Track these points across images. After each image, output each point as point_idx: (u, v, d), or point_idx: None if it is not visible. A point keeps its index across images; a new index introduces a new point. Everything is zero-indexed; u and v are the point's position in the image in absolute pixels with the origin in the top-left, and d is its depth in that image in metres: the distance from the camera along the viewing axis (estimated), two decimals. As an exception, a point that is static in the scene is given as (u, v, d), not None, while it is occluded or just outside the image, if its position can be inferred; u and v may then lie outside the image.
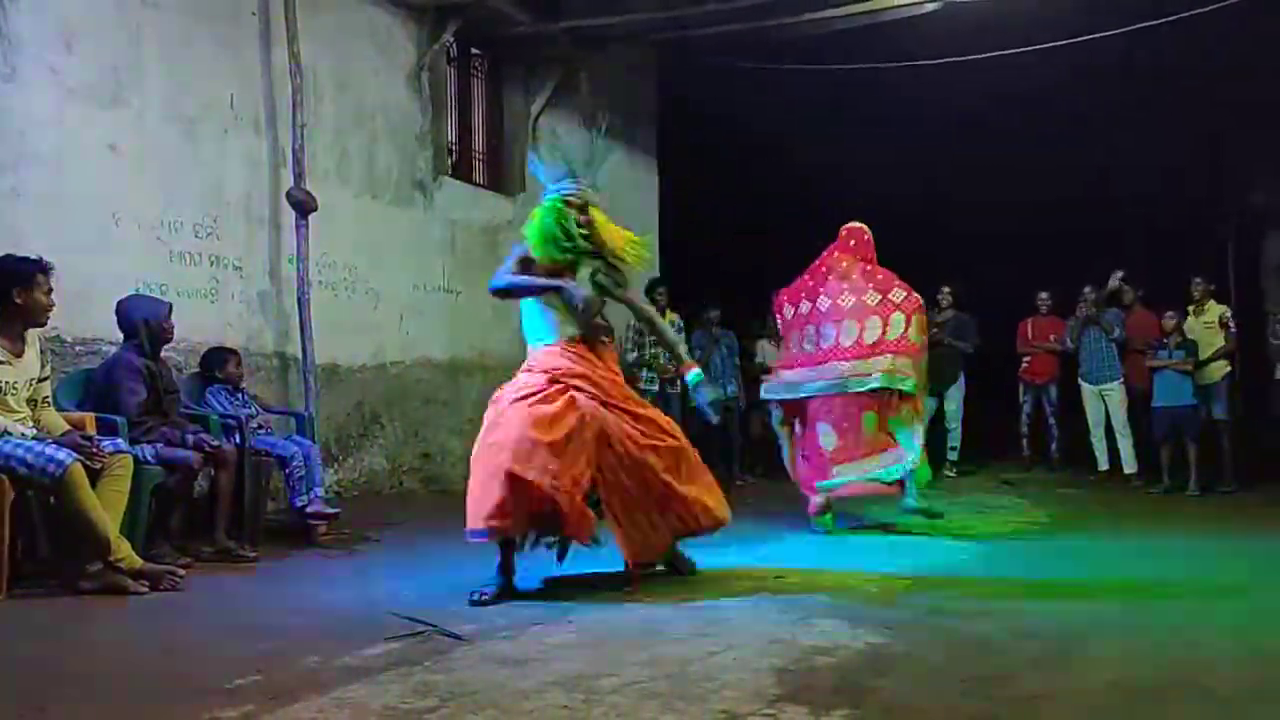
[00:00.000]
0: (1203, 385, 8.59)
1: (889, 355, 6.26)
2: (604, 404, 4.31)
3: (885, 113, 10.95)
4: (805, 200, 12.03)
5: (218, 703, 2.81)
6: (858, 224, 6.81)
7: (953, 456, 9.93)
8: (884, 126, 11.35)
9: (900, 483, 6.50)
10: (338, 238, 7.33)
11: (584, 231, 4.42)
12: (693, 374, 4.65)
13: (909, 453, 6.25)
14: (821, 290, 6.60)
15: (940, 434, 9.75)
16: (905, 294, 6.49)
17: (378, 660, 3.25)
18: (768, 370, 9.69)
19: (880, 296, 6.46)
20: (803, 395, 6.46)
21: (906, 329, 6.37)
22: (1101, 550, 5.82)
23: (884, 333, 6.36)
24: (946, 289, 9.99)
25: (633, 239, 4.58)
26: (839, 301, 6.53)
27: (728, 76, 10.17)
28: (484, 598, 4.12)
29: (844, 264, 6.64)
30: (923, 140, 11.55)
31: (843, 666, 3.19)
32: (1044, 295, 10.27)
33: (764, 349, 10.04)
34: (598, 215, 4.50)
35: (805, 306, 6.64)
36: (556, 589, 4.44)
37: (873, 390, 6.21)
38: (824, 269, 6.71)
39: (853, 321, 6.43)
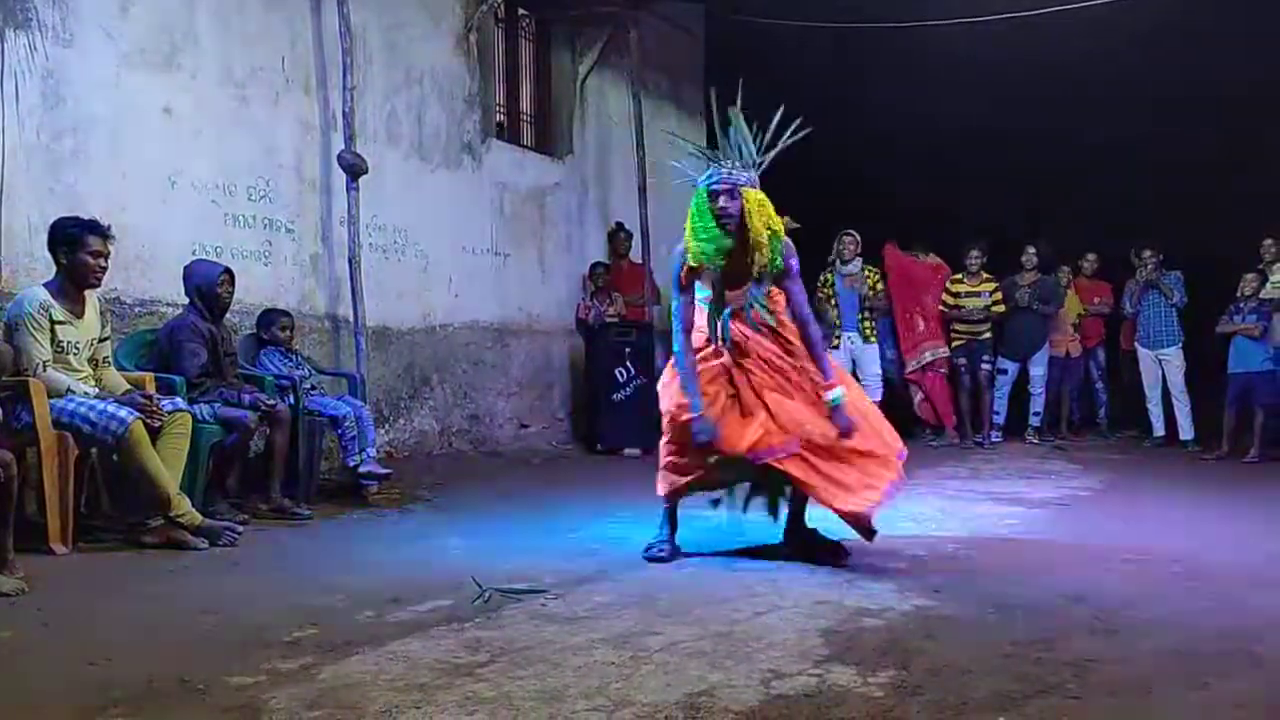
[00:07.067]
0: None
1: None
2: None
3: (940, 72, 10.71)
4: (857, 161, 11.87)
5: (275, 654, 2.89)
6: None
7: (1035, 422, 9.58)
8: (938, 86, 11.10)
9: None
10: (387, 201, 7.37)
11: (725, 221, 4.04)
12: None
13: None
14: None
15: (1024, 399, 9.55)
16: None
17: (430, 616, 3.32)
18: None
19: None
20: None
21: None
22: (1152, 517, 5.75)
23: None
24: (1031, 249, 9.50)
25: (776, 230, 4.11)
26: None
27: (776, 35, 10.02)
28: (660, 554, 4.24)
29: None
30: (982, 99, 11.29)
31: (890, 628, 3.21)
32: (1091, 257, 10.06)
33: None
34: (752, 197, 4.06)
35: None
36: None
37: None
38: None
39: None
